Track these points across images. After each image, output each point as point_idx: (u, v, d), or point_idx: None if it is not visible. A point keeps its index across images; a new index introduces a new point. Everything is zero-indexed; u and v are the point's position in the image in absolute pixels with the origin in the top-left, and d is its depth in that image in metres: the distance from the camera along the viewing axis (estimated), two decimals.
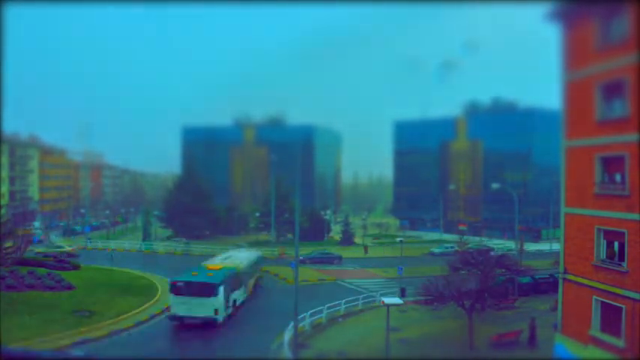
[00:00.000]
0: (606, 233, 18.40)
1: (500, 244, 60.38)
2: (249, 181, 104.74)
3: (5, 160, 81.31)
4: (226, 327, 27.98)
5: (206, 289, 26.97)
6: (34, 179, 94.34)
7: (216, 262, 33.73)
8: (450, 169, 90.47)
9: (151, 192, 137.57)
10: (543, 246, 65.49)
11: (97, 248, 61.90)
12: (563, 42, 20.04)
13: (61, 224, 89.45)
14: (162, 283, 39.02)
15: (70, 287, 33.68)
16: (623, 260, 17.44)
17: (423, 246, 64.90)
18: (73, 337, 24.43)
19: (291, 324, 23.56)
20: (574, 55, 19.71)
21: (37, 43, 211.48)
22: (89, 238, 66.24)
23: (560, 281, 20.90)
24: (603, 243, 18.57)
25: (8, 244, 35.68)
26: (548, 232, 70.77)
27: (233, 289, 29.76)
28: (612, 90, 17.84)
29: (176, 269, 46.75)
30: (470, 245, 54.64)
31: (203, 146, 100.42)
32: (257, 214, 74.12)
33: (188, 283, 27.55)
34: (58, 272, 36.96)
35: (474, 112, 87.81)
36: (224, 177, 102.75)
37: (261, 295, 37.08)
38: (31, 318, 26.76)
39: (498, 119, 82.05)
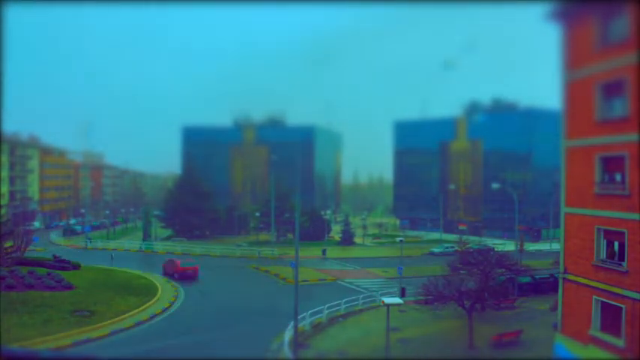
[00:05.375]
0: (606, 233, 18.40)
1: (500, 244, 60.35)
2: (249, 181, 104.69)
3: (5, 160, 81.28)
4: (227, 327, 28.02)
5: None
6: (34, 179, 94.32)
7: None
8: (450, 169, 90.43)
9: (151, 192, 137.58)
10: (543, 246, 65.51)
11: (97, 248, 62.00)
12: (563, 42, 20.04)
13: (61, 224, 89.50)
14: (162, 282, 39.08)
15: (70, 287, 33.70)
16: (623, 260, 17.43)
17: (423, 246, 64.89)
18: (73, 337, 24.44)
19: (291, 324, 23.57)
20: (574, 54, 19.71)
21: (37, 43, 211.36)
22: (89, 238, 66.26)
23: (560, 281, 20.90)
24: (603, 243, 18.56)
25: (8, 243, 35.74)
26: (548, 232, 70.75)
27: None
28: (612, 90, 17.84)
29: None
30: (470, 245, 54.61)
31: (203, 146, 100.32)
32: (257, 214, 74.13)
33: None
34: (58, 272, 36.99)
35: (474, 112, 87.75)
36: (224, 177, 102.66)
37: (262, 295, 37.13)
38: (31, 318, 26.77)
39: (498, 119, 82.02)
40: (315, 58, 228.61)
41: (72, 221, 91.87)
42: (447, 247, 59.51)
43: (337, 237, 74.35)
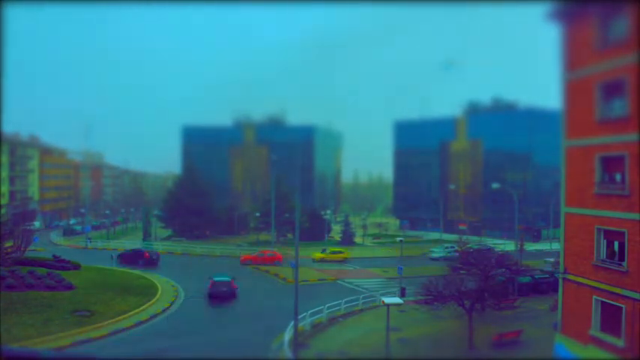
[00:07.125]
0: (606, 233, 18.41)
1: (500, 244, 60.28)
2: (249, 181, 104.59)
3: (5, 160, 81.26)
4: (227, 326, 28.02)
5: None
6: (34, 179, 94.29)
7: None
8: (450, 169, 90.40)
9: (151, 192, 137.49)
10: (543, 246, 65.48)
11: (97, 248, 62.01)
12: (563, 42, 20.05)
13: (61, 224, 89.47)
14: (162, 282, 39.07)
15: (70, 287, 33.68)
16: (623, 260, 17.44)
17: (423, 246, 64.82)
18: (73, 337, 24.44)
19: (291, 323, 23.57)
20: (574, 54, 19.71)
21: (37, 43, 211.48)
22: (89, 238, 66.27)
23: (560, 281, 20.92)
24: (603, 243, 18.58)
25: (8, 243, 35.76)
26: (548, 232, 70.72)
27: None
28: (612, 90, 17.85)
29: (176, 269, 46.99)
30: (470, 245, 54.41)
31: (203, 146, 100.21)
32: (257, 214, 74.09)
33: None
34: (58, 272, 36.96)
35: (474, 112, 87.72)
36: (224, 177, 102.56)
37: (262, 295, 37.14)
38: (31, 318, 26.77)
39: (498, 119, 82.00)
40: (315, 58, 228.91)
41: (72, 221, 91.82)
42: (447, 250, 57.48)
43: (337, 237, 74.31)
